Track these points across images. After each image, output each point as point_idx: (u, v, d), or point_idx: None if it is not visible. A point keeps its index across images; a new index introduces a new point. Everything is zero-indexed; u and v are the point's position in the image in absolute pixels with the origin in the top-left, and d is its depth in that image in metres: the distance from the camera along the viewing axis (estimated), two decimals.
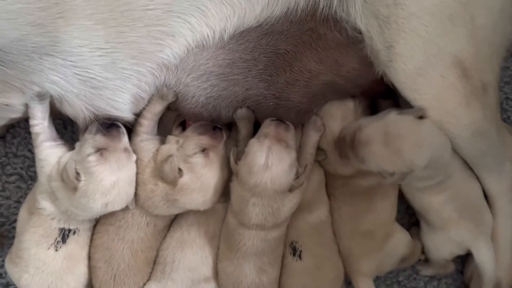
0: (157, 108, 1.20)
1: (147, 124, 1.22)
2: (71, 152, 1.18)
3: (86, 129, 1.18)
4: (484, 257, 1.23)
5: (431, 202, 1.22)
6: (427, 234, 1.28)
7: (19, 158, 1.40)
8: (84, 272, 1.24)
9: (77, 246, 1.22)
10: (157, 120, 1.24)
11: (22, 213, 1.25)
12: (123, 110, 1.17)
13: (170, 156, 1.14)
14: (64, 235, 1.20)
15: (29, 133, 1.35)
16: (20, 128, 1.41)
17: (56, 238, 1.20)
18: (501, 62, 1.18)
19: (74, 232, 1.21)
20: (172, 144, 1.19)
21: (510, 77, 1.37)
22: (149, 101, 1.20)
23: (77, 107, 1.15)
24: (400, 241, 1.25)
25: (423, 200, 1.23)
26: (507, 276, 1.29)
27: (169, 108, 1.24)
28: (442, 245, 1.26)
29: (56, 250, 1.20)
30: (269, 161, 1.11)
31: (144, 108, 1.21)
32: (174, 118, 1.30)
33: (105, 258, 1.23)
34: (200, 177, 1.16)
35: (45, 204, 1.19)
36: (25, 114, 1.20)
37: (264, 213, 1.13)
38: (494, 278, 1.27)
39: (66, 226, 1.20)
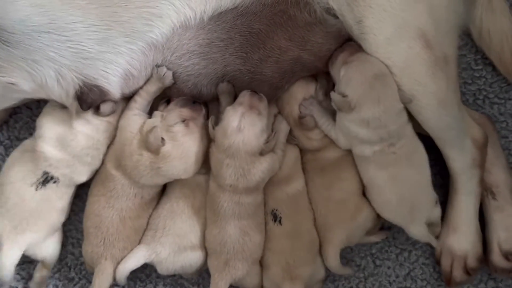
0: (153, 88, 1.29)
1: (140, 102, 1.31)
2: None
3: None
4: (417, 237, 1.30)
5: (375, 178, 1.27)
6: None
7: (21, 141, 1.44)
8: (54, 222, 1.33)
9: (54, 194, 1.30)
10: (150, 100, 1.32)
11: (14, 154, 1.34)
12: (112, 82, 1.25)
13: (154, 127, 1.24)
14: (47, 178, 1.29)
15: (31, 118, 1.47)
16: (22, 114, 1.49)
17: (39, 179, 1.29)
18: (458, 39, 1.29)
19: (55, 182, 1.30)
20: (157, 118, 1.30)
21: (467, 63, 1.48)
22: (147, 81, 1.29)
23: (69, 78, 1.22)
24: (369, 214, 1.32)
25: (369, 172, 1.28)
26: (473, 250, 1.35)
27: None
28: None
29: (36, 190, 1.28)
30: (242, 125, 1.23)
31: (141, 87, 1.30)
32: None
33: (95, 223, 1.31)
34: (180, 145, 1.26)
35: (47, 148, 1.29)
36: (29, 95, 1.28)
37: (236, 174, 1.24)
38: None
39: (52, 172, 1.29)
